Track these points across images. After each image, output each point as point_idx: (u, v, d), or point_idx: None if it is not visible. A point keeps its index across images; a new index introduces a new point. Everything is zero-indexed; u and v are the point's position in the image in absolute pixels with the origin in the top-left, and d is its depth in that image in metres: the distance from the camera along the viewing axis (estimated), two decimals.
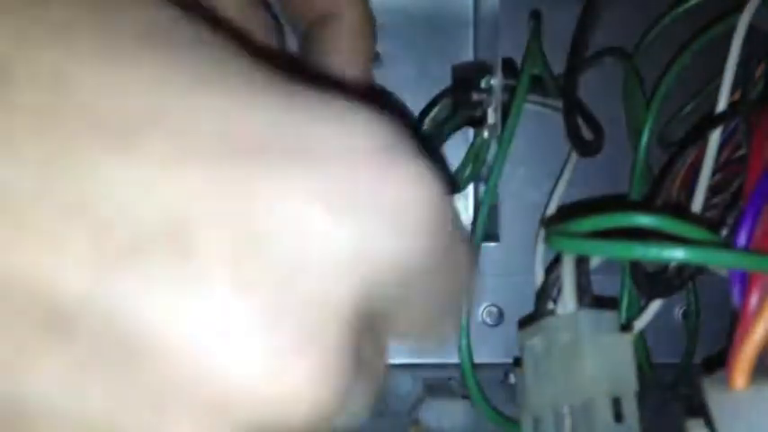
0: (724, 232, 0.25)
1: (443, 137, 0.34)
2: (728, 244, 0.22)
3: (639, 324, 0.30)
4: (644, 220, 0.24)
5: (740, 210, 0.23)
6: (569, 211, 0.33)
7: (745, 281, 0.21)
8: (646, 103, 0.34)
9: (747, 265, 0.21)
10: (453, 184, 0.32)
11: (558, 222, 0.26)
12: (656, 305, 0.29)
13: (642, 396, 0.24)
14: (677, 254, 0.21)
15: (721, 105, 0.28)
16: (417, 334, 0.17)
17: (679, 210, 0.32)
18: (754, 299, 0.21)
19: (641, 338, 0.33)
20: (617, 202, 0.35)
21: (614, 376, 0.23)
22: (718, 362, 0.21)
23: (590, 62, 0.35)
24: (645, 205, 0.30)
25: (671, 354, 0.34)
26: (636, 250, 0.21)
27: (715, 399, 0.21)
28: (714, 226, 0.25)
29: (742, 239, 0.22)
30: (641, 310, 0.29)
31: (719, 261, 0.22)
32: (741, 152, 0.27)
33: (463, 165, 0.33)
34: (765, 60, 0.29)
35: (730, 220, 0.25)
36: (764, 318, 0.20)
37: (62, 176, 0.11)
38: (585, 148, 0.31)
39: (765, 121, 0.24)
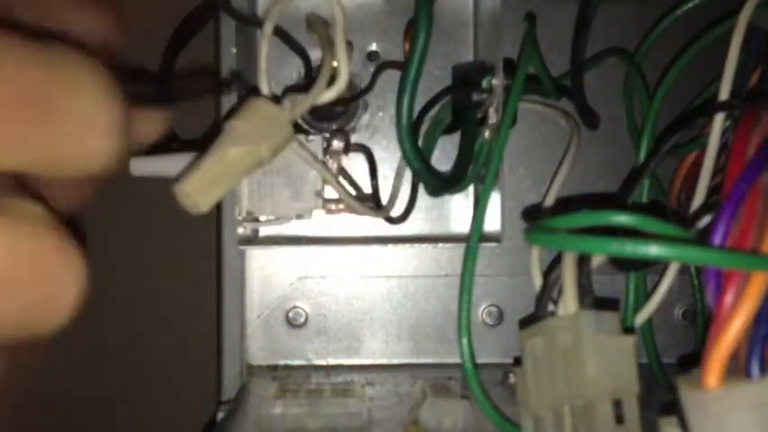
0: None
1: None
2: (704, 242, 0.22)
3: (639, 320, 0.30)
4: (620, 218, 0.24)
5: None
6: (552, 209, 0.33)
7: (721, 279, 0.21)
8: (646, 103, 0.34)
9: (720, 263, 0.21)
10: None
11: (535, 219, 0.26)
12: (655, 301, 0.29)
13: (650, 395, 0.24)
14: (652, 250, 0.21)
15: None
16: None
17: (656, 208, 0.32)
18: (728, 298, 0.21)
19: (651, 339, 0.33)
20: (595, 201, 0.35)
21: (615, 378, 0.23)
22: (694, 360, 0.21)
23: (592, 62, 0.35)
24: (622, 203, 0.31)
25: (671, 354, 0.34)
26: (611, 246, 0.21)
27: (688, 397, 0.21)
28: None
29: (718, 237, 0.22)
30: None
31: (694, 258, 0.22)
32: None
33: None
34: (763, 60, 0.29)
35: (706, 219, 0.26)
36: (737, 317, 0.20)
37: None
38: (594, 120, 0.34)
39: (748, 121, 0.24)
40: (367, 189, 0.35)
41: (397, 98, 0.27)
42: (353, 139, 0.35)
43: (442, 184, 0.32)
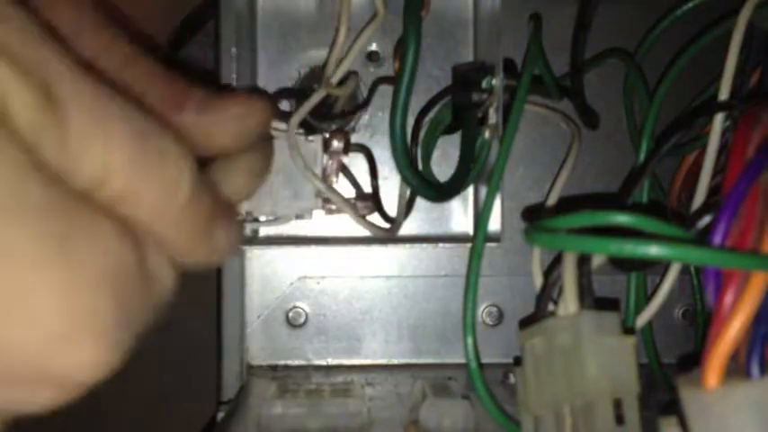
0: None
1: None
2: (704, 242, 0.22)
3: (640, 321, 0.30)
4: (620, 218, 0.24)
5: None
6: (553, 209, 0.33)
7: (721, 279, 0.21)
8: (646, 103, 0.34)
9: (720, 263, 0.21)
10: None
11: (536, 219, 0.26)
12: (656, 303, 0.29)
13: (650, 395, 0.24)
14: (652, 250, 0.21)
15: None
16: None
17: (657, 209, 0.32)
18: (728, 298, 0.21)
19: (650, 338, 0.33)
20: (595, 201, 0.35)
21: (615, 378, 0.23)
22: (694, 360, 0.21)
23: (592, 62, 0.35)
24: (621, 204, 0.31)
25: (671, 354, 0.34)
26: (611, 246, 0.21)
27: (688, 397, 0.21)
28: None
29: (717, 237, 0.22)
30: None
31: (694, 258, 0.22)
32: None
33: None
34: (763, 60, 0.29)
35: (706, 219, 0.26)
36: (737, 317, 0.20)
37: None
38: (594, 120, 0.34)
39: (748, 121, 0.24)
40: (367, 189, 0.35)
41: (389, 122, 0.27)
42: (353, 139, 0.35)
43: (441, 195, 0.32)
